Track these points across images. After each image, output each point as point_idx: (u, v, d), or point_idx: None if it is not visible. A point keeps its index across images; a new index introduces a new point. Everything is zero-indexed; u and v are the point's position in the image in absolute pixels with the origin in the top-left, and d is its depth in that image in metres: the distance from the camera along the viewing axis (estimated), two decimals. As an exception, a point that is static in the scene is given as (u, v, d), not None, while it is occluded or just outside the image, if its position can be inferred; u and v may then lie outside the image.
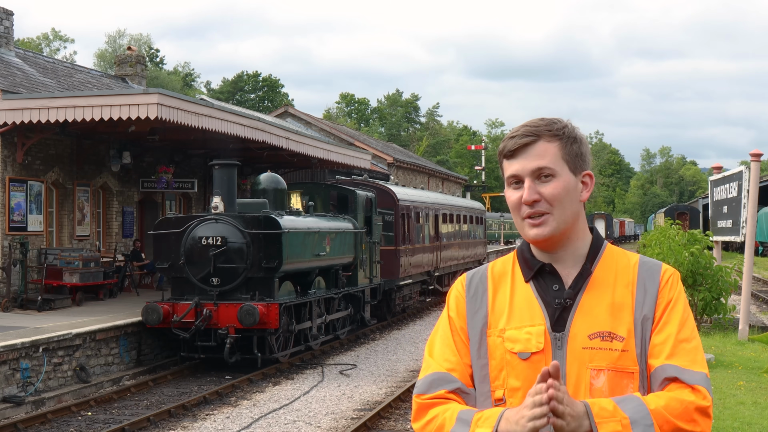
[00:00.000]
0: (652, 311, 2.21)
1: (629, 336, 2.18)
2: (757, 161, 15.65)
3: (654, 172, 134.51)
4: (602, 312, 2.19)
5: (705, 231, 17.72)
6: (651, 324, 2.21)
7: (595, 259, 2.26)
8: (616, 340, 2.17)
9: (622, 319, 2.19)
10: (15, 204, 18.20)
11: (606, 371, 2.16)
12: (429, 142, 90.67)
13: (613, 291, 2.22)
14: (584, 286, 2.23)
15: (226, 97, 78.17)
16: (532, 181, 2.21)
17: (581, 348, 2.17)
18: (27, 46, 61.67)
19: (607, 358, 2.16)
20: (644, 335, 2.20)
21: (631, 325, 2.19)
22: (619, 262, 2.27)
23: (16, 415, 12.05)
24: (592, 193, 2.32)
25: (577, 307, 2.21)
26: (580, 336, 2.18)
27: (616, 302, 2.21)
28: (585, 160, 2.27)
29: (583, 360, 2.17)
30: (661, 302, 2.23)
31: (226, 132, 19.24)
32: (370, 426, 11.54)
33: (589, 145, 2.35)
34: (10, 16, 21.73)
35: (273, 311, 14.80)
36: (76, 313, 16.92)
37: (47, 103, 17.03)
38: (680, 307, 2.25)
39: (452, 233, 29.41)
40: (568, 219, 2.23)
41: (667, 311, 2.23)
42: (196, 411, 12.54)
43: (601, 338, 2.17)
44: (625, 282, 2.24)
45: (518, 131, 2.24)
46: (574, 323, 2.19)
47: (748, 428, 8.58)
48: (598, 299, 2.21)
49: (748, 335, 15.38)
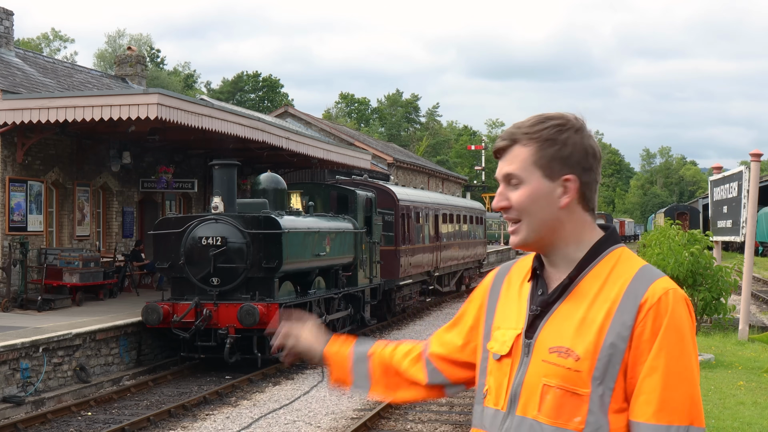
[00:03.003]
0: (625, 342, 1.97)
1: (586, 356, 1.99)
2: (757, 161, 15.65)
3: (654, 172, 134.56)
4: (570, 326, 2.04)
5: (705, 231, 17.71)
6: (621, 356, 1.97)
7: (586, 266, 2.09)
8: (571, 358, 2.00)
9: (585, 336, 2.00)
10: (15, 204, 18.21)
11: (555, 389, 2.02)
12: (429, 142, 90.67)
13: (591, 305, 2.03)
14: (565, 296, 2.08)
15: (226, 98, 78.16)
16: (504, 186, 2.15)
17: (541, 360, 2.05)
18: (27, 46, 61.68)
19: (558, 375, 2.02)
20: (611, 362, 1.98)
21: (593, 346, 1.99)
22: (614, 273, 2.06)
23: (16, 415, 12.05)
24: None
25: (549, 317, 2.08)
26: (544, 347, 2.06)
27: (588, 318, 2.02)
28: (567, 163, 2.09)
29: (540, 372, 2.05)
30: (642, 337, 1.97)
31: (226, 132, 19.24)
32: (370, 426, 11.54)
33: (592, 144, 2.15)
34: (10, 16, 21.73)
35: (273, 311, 14.81)
36: (76, 313, 16.92)
37: (47, 103, 17.03)
38: (668, 345, 1.95)
39: (452, 233, 29.40)
40: (541, 227, 2.10)
41: (653, 352, 1.95)
42: (196, 411, 12.54)
43: (558, 353, 2.02)
44: (608, 297, 2.02)
45: (502, 134, 2.18)
46: (542, 333, 2.08)
47: (748, 428, 8.58)
48: (572, 311, 2.05)
49: (748, 335, 15.39)
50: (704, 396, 10.19)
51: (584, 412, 1.99)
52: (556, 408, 2.02)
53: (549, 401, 2.03)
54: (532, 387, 2.06)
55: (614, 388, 1.98)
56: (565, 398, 2.01)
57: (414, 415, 12.37)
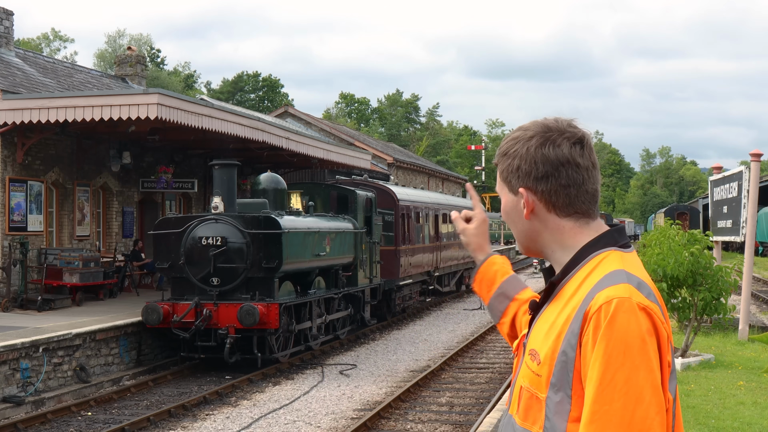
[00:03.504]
0: (574, 350, 1.93)
1: (545, 361, 1.98)
2: (757, 161, 15.66)
3: (654, 172, 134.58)
4: (544, 329, 2.04)
5: (705, 231, 17.71)
6: (572, 363, 1.93)
7: (571, 269, 2.07)
8: (536, 361, 2.01)
9: (548, 341, 1.99)
10: (15, 204, 18.21)
11: (525, 390, 2.05)
12: (429, 142, 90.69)
13: (561, 310, 2.01)
14: (550, 299, 2.09)
15: (226, 98, 78.17)
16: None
17: (525, 361, 2.09)
18: (27, 46, 61.69)
19: (527, 378, 2.04)
20: (565, 369, 1.94)
21: (552, 352, 1.97)
22: (588, 278, 2.01)
23: (16, 415, 12.06)
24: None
25: (537, 320, 2.11)
26: (528, 349, 2.09)
27: (555, 322, 2.00)
28: (517, 175, 2.09)
29: (522, 374, 2.09)
30: (586, 347, 1.91)
31: (226, 132, 19.24)
32: (370, 426, 11.55)
33: (543, 152, 2.07)
34: (10, 16, 21.73)
35: (273, 311, 14.81)
36: (76, 313, 16.92)
37: (47, 103, 17.03)
38: (603, 355, 1.86)
39: (452, 233, 29.40)
40: (521, 237, 2.18)
41: (591, 363, 1.88)
42: (196, 411, 12.54)
43: (531, 356, 2.04)
44: (573, 303, 1.98)
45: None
46: (530, 335, 2.11)
47: (748, 428, 8.58)
48: (550, 315, 2.05)
49: (748, 335, 15.40)
50: (704, 396, 10.19)
51: (542, 417, 1.98)
52: (525, 410, 2.04)
53: (522, 403, 2.06)
54: (517, 387, 2.11)
55: (572, 395, 1.93)
56: (531, 401, 2.02)
57: (414, 415, 12.38)
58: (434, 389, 14.35)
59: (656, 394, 1.85)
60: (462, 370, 16.09)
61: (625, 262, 2.02)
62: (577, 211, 2.09)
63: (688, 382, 11.08)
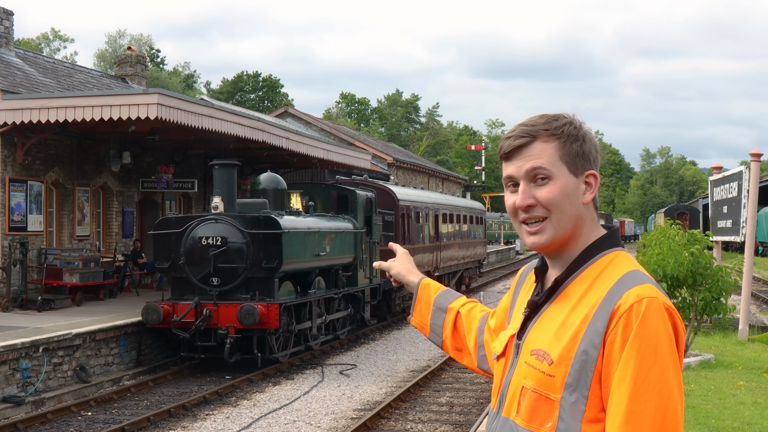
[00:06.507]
0: (597, 350, 1.91)
1: (560, 362, 1.95)
2: (757, 161, 15.66)
3: (654, 172, 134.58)
4: (552, 329, 2.01)
5: (705, 231, 17.70)
6: (594, 363, 1.92)
7: (577, 268, 2.05)
8: (546, 362, 1.98)
9: (561, 341, 1.97)
10: (15, 204, 18.20)
11: (530, 391, 2.00)
12: (429, 142, 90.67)
13: (573, 309, 1.99)
14: (553, 298, 2.06)
15: (226, 98, 78.16)
16: (527, 184, 2.05)
17: (524, 362, 2.04)
18: (27, 46, 61.68)
19: (534, 378, 2.00)
20: (584, 369, 1.93)
21: (567, 352, 1.95)
22: (601, 277, 2.01)
23: (16, 415, 12.05)
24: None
25: (537, 319, 2.07)
26: (528, 349, 2.05)
27: (567, 322, 1.98)
28: (588, 159, 2.07)
29: (521, 374, 2.04)
30: (613, 345, 1.90)
31: (226, 132, 19.24)
32: (370, 426, 11.54)
33: (597, 142, 2.13)
34: (10, 16, 21.72)
35: (273, 311, 14.81)
36: (76, 313, 16.91)
37: (47, 103, 17.03)
38: (637, 355, 1.86)
39: (452, 233, 29.40)
40: (567, 225, 2.04)
41: (622, 362, 1.87)
42: (196, 411, 12.54)
43: (536, 356, 2.00)
44: (589, 302, 1.97)
45: (514, 131, 2.09)
46: (529, 335, 2.06)
47: (748, 428, 8.57)
48: (556, 314, 2.02)
49: (748, 335, 15.40)
50: (704, 396, 10.19)
51: (555, 418, 1.95)
52: (530, 411, 2.01)
53: (525, 404, 2.02)
54: (515, 388, 2.07)
55: (589, 396, 1.93)
56: (538, 402, 1.99)
57: (414, 415, 12.38)
58: (434, 389, 14.35)
59: (681, 393, 1.90)
60: (462, 370, 16.09)
61: (635, 263, 2.05)
62: (597, 205, 2.15)
63: (688, 382, 11.08)
